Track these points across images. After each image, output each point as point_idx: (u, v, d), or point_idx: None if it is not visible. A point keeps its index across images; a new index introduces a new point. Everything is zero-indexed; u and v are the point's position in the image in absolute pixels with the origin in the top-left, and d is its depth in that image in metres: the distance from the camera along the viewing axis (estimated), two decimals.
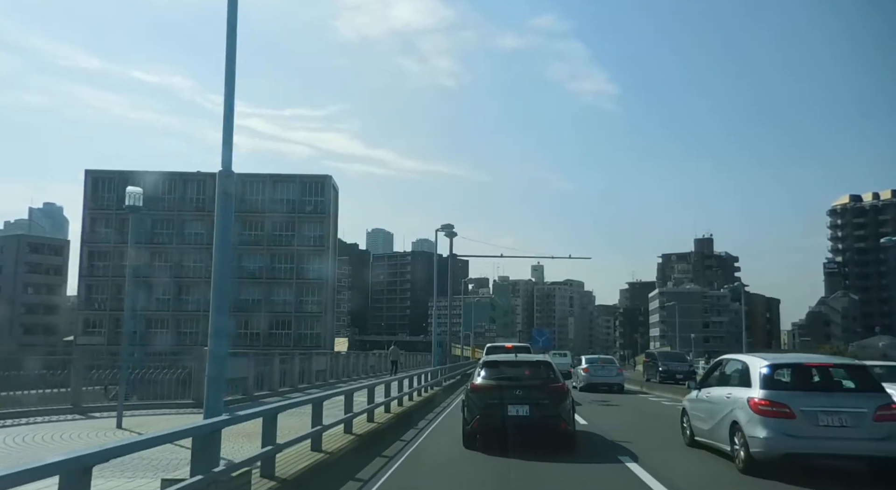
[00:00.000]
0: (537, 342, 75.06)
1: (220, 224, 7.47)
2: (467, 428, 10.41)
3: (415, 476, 8.51)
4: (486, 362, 11.51)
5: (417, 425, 13.84)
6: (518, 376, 10.80)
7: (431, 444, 11.19)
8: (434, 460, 9.75)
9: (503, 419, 10.02)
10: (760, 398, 8.58)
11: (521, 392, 10.24)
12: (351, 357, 34.27)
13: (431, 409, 17.47)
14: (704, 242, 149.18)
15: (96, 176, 69.34)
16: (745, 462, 8.57)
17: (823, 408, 8.25)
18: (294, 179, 71.81)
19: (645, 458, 9.43)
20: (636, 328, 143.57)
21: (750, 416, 8.59)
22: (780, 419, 8.30)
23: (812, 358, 10.88)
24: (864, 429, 8.11)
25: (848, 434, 8.12)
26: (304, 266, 70.62)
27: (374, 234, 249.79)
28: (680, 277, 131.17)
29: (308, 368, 23.77)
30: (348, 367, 29.76)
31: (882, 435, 8.07)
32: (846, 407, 8.28)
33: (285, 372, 21.05)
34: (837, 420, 8.16)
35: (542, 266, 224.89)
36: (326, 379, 25.14)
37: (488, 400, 10.28)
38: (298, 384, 21.51)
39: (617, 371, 28.14)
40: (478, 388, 10.57)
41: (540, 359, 12.26)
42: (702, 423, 10.48)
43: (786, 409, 8.32)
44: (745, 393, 8.95)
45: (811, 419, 8.19)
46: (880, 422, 8.12)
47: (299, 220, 70.41)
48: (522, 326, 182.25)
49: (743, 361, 9.86)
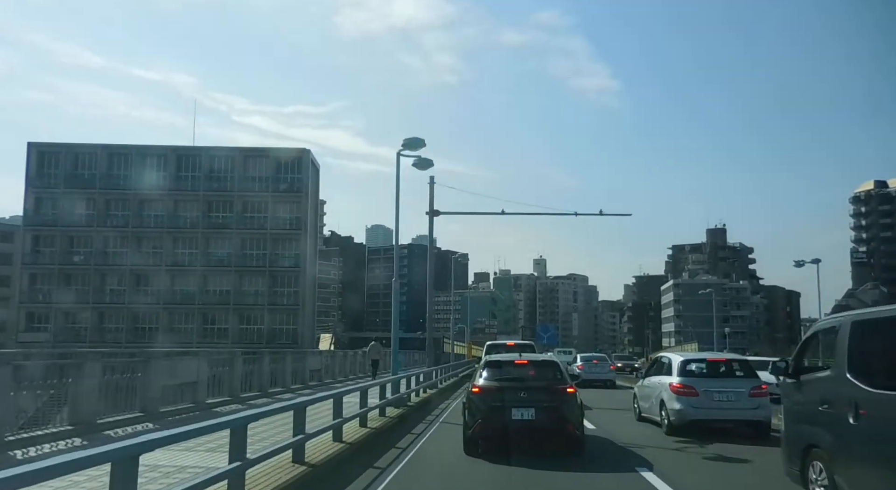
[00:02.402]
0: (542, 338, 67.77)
1: None
2: (468, 432, 9.99)
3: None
4: (489, 362, 11.06)
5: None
6: (523, 377, 10.37)
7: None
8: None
9: (507, 423, 9.61)
10: (677, 383, 12.58)
11: (526, 394, 9.87)
12: (324, 356, 28.76)
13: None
14: (717, 233, 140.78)
15: (42, 149, 60.89)
16: (668, 427, 12.61)
17: (717, 388, 12.34)
18: (266, 154, 63.40)
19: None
20: (647, 324, 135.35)
21: (670, 395, 12.57)
22: (689, 397, 12.31)
23: (714, 355, 15.96)
24: (743, 402, 12.23)
25: (733, 405, 12.24)
26: (279, 253, 62.27)
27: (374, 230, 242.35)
28: (695, 268, 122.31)
29: (259, 370, 18.15)
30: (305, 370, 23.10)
31: (755, 406, 12.25)
32: (732, 388, 12.38)
33: (231, 377, 16.26)
34: (726, 397, 12.27)
35: (544, 260, 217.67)
36: (288, 384, 20.14)
37: (491, 403, 9.87)
38: (241, 393, 16.62)
39: (609, 368, 30.99)
40: (480, 389, 10.11)
41: (546, 358, 12.30)
42: (644, 403, 14.51)
43: (693, 390, 12.33)
44: (668, 380, 12.95)
45: (709, 396, 12.25)
46: (753, 397, 12.27)
47: (273, 200, 62.08)
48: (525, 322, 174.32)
49: (669, 357, 14.14)
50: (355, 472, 8.51)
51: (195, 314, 60.35)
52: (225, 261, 61.49)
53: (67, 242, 60.76)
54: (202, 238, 61.30)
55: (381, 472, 8.62)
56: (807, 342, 7.44)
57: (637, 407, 15.11)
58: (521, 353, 12.62)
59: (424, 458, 10.01)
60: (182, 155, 62.49)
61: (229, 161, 62.48)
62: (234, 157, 62.41)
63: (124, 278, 60.65)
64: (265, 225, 61.86)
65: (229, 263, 61.21)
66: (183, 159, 62.39)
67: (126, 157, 61.81)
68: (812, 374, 6.79)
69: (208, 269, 60.99)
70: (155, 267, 60.39)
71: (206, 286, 61.20)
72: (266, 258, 61.59)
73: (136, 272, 60.97)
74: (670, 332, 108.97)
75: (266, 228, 61.70)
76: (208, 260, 61.28)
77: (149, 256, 60.90)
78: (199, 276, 60.64)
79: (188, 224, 61.22)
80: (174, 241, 61.48)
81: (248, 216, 62.44)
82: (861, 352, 5.84)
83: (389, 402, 13.61)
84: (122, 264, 60.57)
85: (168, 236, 61.14)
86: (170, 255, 60.88)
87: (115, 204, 61.72)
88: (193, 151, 62.73)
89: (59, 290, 59.07)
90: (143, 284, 61.23)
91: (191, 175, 62.08)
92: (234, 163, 62.25)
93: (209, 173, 62.29)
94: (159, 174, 61.60)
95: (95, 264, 60.28)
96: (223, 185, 62.13)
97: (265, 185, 62.02)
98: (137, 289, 60.96)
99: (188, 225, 61.22)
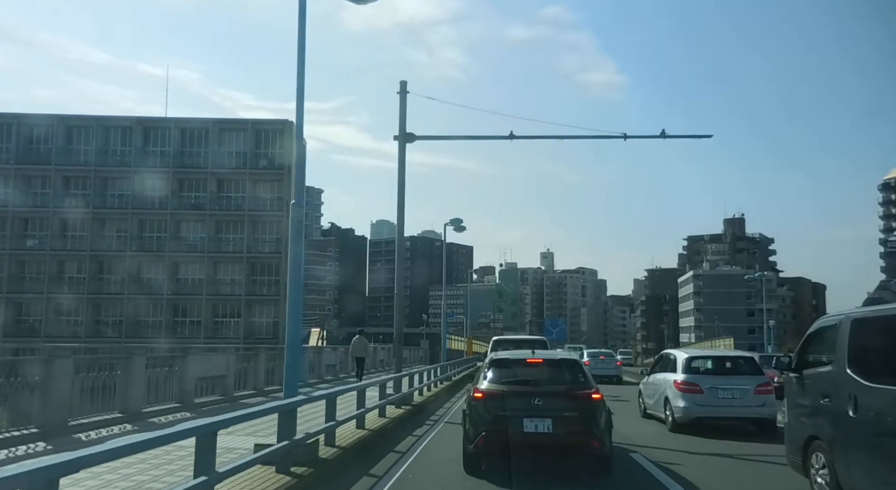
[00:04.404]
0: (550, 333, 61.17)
1: None
2: (470, 447, 8.20)
3: None
4: (495, 361, 9.01)
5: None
6: (537, 380, 8.60)
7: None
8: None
9: (517, 437, 7.80)
10: (681, 380, 12.62)
11: (541, 401, 8.07)
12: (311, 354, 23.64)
13: None
14: (735, 223, 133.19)
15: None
16: (671, 424, 12.63)
17: (722, 386, 12.36)
18: (244, 126, 56.48)
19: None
20: (661, 318, 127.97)
21: (674, 392, 12.65)
22: (693, 394, 12.34)
23: (719, 352, 17.29)
24: (748, 399, 12.26)
25: (737, 403, 12.27)
26: (258, 237, 55.48)
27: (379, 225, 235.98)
28: (714, 259, 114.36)
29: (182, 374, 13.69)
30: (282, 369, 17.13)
31: (760, 403, 12.27)
32: (737, 385, 12.40)
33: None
34: (731, 394, 12.30)
35: (551, 254, 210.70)
36: (226, 391, 15.73)
37: (497, 411, 8.03)
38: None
39: (615, 364, 31.84)
40: (483, 394, 8.27)
41: (565, 357, 9.78)
42: (649, 400, 14.53)
43: (697, 387, 12.36)
44: (672, 377, 13.01)
45: (714, 393, 12.27)
46: (759, 394, 12.32)
47: (252, 177, 55.24)
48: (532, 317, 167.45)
49: (674, 354, 14.04)
50: None
51: (164, 306, 53.58)
52: (198, 246, 54.66)
53: (21, 225, 54.05)
54: (172, 220, 54.47)
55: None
56: (809, 338, 7.61)
57: (642, 403, 15.33)
58: (534, 351, 9.93)
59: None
60: (149, 127, 55.69)
61: (202, 134, 55.57)
62: (208, 130, 55.47)
63: (84, 265, 53.97)
64: (243, 206, 55.04)
65: (202, 249, 54.36)
66: (150, 132, 55.59)
67: (86, 129, 54.97)
68: (814, 369, 7.05)
69: (179, 255, 54.21)
70: (119, 253, 53.68)
71: (176, 274, 54.47)
72: (244, 243, 54.76)
73: (98, 258, 54.30)
74: (690, 327, 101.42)
75: (244, 210, 54.88)
76: (179, 245, 54.48)
77: (112, 241, 54.24)
78: (169, 262, 53.88)
79: (156, 205, 54.41)
80: (140, 223, 54.68)
81: (223, 196, 55.63)
82: (861, 348, 6.12)
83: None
84: (83, 249, 53.90)
85: (134, 218, 54.36)
86: (136, 239, 54.11)
87: (74, 182, 55.00)
88: (162, 123, 55.88)
89: (10, 279, 52.52)
90: (105, 272, 54.54)
91: (159, 150, 55.26)
92: (207, 136, 55.34)
93: (180, 148, 55.46)
94: (124, 149, 54.89)
95: (52, 249, 53.62)
96: (196, 161, 55.28)
97: (243, 161, 55.16)
98: (100, 277, 54.32)
99: (156, 206, 54.43)
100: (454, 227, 29.36)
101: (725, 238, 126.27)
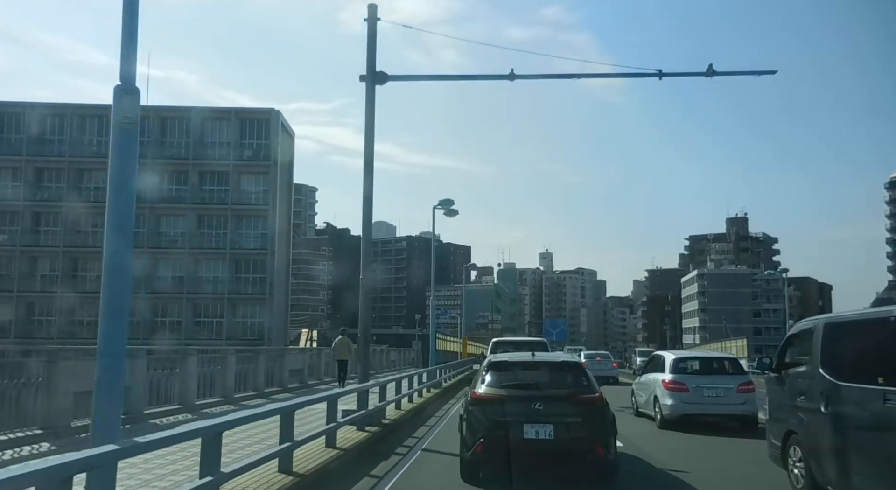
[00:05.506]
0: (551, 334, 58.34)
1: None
2: (467, 455, 7.80)
3: None
4: (493, 363, 8.56)
5: None
6: (538, 383, 8.16)
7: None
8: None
9: (517, 443, 7.38)
10: (668, 380, 13.41)
11: (543, 406, 7.62)
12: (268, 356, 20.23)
13: None
14: (738, 222, 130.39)
15: None
16: (660, 421, 13.47)
17: (707, 385, 13.16)
18: (228, 115, 53.40)
19: None
20: (663, 319, 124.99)
21: (663, 391, 13.42)
22: (680, 392, 13.11)
23: (705, 353, 18.77)
24: (731, 397, 13.04)
25: (722, 401, 13.07)
26: (242, 232, 52.43)
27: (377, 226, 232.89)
28: (718, 259, 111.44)
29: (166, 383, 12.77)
30: (255, 374, 17.53)
31: (742, 401, 13.02)
32: (721, 384, 13.22)
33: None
34: (715, 392, 13.09)
35: (550, 254, 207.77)
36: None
37: (497, 416, 7.64)
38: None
39: (612, 365, 33.38)
40: (482, 399, 7.89)
41: (567, 359, 9.28)
42: (640, 399, 15.37)
43: (683, 386, 13.13)
44: (661, 376, 13.78)
45: (699, 392, 13.07)
46: (741, 393, 13.05)
47: (236, 169, 52.17)
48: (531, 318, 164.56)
49: (663, 355, 14.92)
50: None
51: (142, 305, 50.40)
52: (178, 241, 51.63)
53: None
54: (151, 214, 51.28)
55: None
56: (789, 340, 8.06)
57: (634, 402, 16.02)
58: (535, 353, 9.30)
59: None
60: None
61: (184, 124, 52.52)
62: (191, 120, 52.40)
63: (58, 262, 50.88)
64: (226, 199, 51.97)
65: (183, 244, 51.32)
66: None
67: (61, 118, 51.82)
68: (792, 369, 7.54)
69: (158, 251, 51.01)
70: (95, 249, 50.51)
71: (155, 272, 51.29)
72: (227, 238, 51.69)
73: (72, 255, 51.21)
74: (693, 328, 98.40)
75: (227, 203, 51.81)
76: (158, 240, 51.39)
77: (87, 236, 51.04)
78: (148, 259, 50.61)
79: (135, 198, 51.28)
80: None
81: (205, 189, 52.56)
82: (832, 350, 6.60)
83: None
84: (56, 245, 50.83)
85: None
86: None
87: (47, 174, 51.93)
88: (141, 112, 52.70)
89: None
90: (80, 269, 51.44)
91: (138, 139, 52.07)
92: (189, 126, 52.31)
93: (160, 138, 52.34)
94: (100, 139, 51.77)
95: (23, 245, 50.53)
96: (176, 152, 52.19)
97: (226, 152, 52.10)
98: (74, 275, 51.21)
99: (134, 199, 51.29)
100: (444, 209, 26.53)
101: (729, 237, 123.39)
